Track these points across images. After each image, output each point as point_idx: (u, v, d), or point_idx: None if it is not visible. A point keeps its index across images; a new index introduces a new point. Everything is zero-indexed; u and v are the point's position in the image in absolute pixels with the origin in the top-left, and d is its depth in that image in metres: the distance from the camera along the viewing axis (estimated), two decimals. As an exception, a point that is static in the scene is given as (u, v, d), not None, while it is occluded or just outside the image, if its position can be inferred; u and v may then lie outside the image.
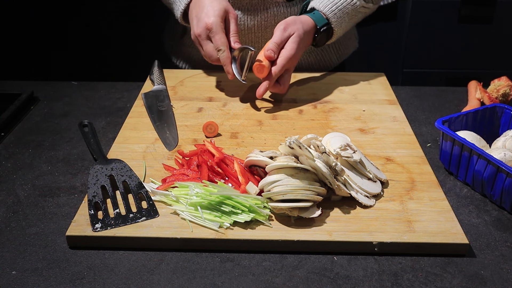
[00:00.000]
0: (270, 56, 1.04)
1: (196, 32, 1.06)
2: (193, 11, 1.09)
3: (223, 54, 1.06)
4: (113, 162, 0.89)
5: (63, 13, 2.19)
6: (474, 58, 2.16)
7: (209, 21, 1.04)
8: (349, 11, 1.14)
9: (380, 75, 1.28)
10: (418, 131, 1.06)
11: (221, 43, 1.05)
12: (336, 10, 1.12)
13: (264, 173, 0.83)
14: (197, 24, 1.06)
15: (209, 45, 1.07)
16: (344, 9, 1.13)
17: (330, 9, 1.12)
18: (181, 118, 1.07)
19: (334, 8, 1.12)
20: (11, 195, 0.87)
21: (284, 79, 1.09)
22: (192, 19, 1.09)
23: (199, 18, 1.06)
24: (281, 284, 0.70)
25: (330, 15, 1.12)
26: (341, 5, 1.12)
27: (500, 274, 0.72)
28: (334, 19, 1.12)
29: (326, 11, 1.12)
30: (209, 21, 1.04)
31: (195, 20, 1.07)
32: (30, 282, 0.70)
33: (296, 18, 1.09)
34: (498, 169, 0.81)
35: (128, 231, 0.76)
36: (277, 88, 1.10)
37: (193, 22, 1.08)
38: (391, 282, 0.71)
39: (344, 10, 1.13)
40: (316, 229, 0.77)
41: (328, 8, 1.12)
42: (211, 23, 1.04)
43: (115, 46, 2.24)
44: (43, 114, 1.13)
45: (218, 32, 1.05)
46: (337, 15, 1.12)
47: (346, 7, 1.13)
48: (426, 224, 0.78)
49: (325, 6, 1.12)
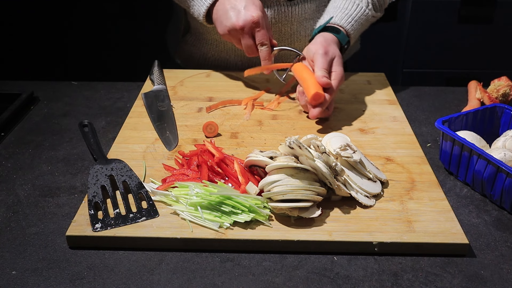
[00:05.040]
0: (328, 83, 1.01)
1: (238, 24, 1.03)
2: (226, 3, 1.06)
3: (266, 49, 1.05)
4: (113, 162, 0.89)
5: (63, 13, 2.19)
6: (474, 58, 2.16)
7: (255, 14, 1.03)
8: (363, 22, 1.15)
9: (380, 75, 1.28)
10: (418, 131, 1.06)
11: (266, 38, 1.05)
12: (353, 22, 1.12)
13: (264, 173, 0.83)
14: (237, 16, 1.04)
15: (250, 39, 1.05)
16: (359, 20, 1.13)
17: (350, 23, 1.11)
18: (181, 118, 1.07)
19: (351, 20, 1.11)
20: (11, 195, 0.87)
21: (331, 104, 1.06)
22: (226, 12, 1.05)
23: (239, 11, 1.04)
24: (281, 284, 0.70)
25: (350, 29, 1.11)
26: (356, 16, 1.12)
27: (500, 274, 0.72)
28: (352, 31, 1.12)
29: (346, 25, 1.11)
30: (255, 14, 1.03)
31: (232, 12, 1.04)
32: (30, 282, 0.70)
33: (327, 39, 1.07)
34: (498, 169, 0.81)
35: (128, 231, 0.76)
36: (325, 113, 1.05)
37: (229, 14, 1.04)
38: (391, 282, 0.71)
39: (359, 21, 1.13)
40: (316, 229, 0.77)
41: (347, 22, 1.11)
42: (257, 17, 1.03)
43: (115, 46, 2.24)
44: (43, 114, 1.13)
45: (264, 27, 1.04)
46: (354, 27, 1.12)
47: (360, 18, 1.13)
48: (426, 224, 0.78)
49: (345, 21, 1.11)
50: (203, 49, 1.32)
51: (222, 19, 1.06)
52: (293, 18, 1.22)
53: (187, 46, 1.35)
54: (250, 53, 1.08)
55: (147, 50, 1.98)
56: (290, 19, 1.22)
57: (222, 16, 1.06)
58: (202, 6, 1.11)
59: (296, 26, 1.24)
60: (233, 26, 1.04)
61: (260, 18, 1.03)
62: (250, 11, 1.03)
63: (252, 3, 1.04)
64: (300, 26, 1.24)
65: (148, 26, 2.07)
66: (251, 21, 1.03)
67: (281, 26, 1.23)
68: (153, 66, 1.24)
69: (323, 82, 1.01)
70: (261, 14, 1.04)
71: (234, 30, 1.05)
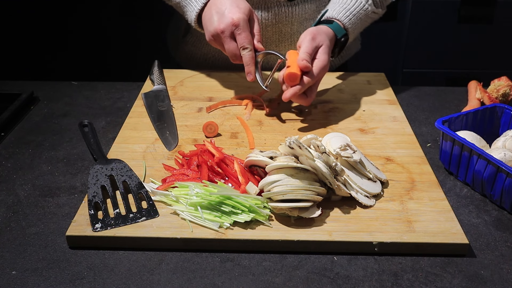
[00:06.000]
0: (306, 66, 0.99)
1: (219, 28, 1.00)
2: (212, 8, 1.03)
3: (248, 53, 1.01)
4: (113, 162, 0.89)
5: (63, 13, 2.19)
6: (474, 58, 2.16)
7: (235, 17, 0.99)
8: (362, 17, 1.14)
9: (380, 75, 1.28)
10: (418, 131, 1.06)
11: (247, 41, 1.00)
12: (351, 16, 1.11)
13: (264, 173, 0.83)
14: (219, 20, 1.01)
15: (232, 43, 1.01)
16: (358, 14, 1.12)
17: (348, 17, 1.10)
18: (181, 118, 1.07)
19: (348, 14, 1.11)
20: (11, 195, 0.87)
21: (312, 91, 1.04)
22: (211, 16, 1.03)
23: (222, 14, 1.01)
24: (281, 284, 0.70)
25: (347, 23, 1.10)
26: (355, 10, 1.11)
27: (500, 274, 0.72)
28: (350, 25, 1.11)
29: (344, 19, 1.10)
30: (235, 17, 0.99)
31: (216, 16, 1.01)
32: (30, 282, 0.70)
33: (319, 28, 1.06)
34: (498, 169, 0.81)
35: (128, 231, 0.76)
36: (303, 99, 1.04)
37: (212, 18, 1.02)
38: (391, 282, 0.71)
39: (358, 16, 1.12)
40: (316, 229, 0.77)
41: (345, 16, 1.10)
42: (237, 20, 0.99)
43: (115, 46, 2.24)
44: (43, 114, 1.13)
45: (245, 29, 1.00)
46: (351, 21, 1.11)
47: (359, 13, 1.12)
48: (426, 224, 0.78)
49: (343, 15, 1.10)
50: (203, 49, 1.32)
51: (207, 25, 1.03)
52: (293, 19, 1.22)
53: (187, 46, 1.35)
54: (234, 59, 1.03)
55: (147, 50, 1.97)
56: (290, 19, 1.22)
57: (207, 21, 1.04)
58: (193, 12, 1.08)
59: (296, 27, 1.24)
60: (215, 30, 1.01)
61: (241, 21, 0.99)
62: (231, 13, 1.00)
63: (236, 5, 1.01)
64: (301, 27, 1.24)
65: (148, 26, 2.07)
66: (231, 24, 0.99)
67: (282, 27, 1.23)
68: (153, 66, 1.24)
69: (302, 64, 0.99)
70: (243, 16, 1.00)
71: (216, 35, 1.01)
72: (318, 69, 1.02)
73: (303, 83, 1.00)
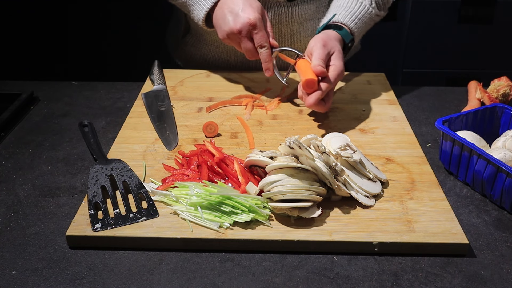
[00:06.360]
0: (322, 71, 0.99)
1: (236, 28, 1.02)
2: (224, 7, 1.05)
3: (266, 51, 1.04)
4: (113, 162, 0.89)
5: (63, 13, 2.19)
6: (474, 58, 2.16)
7: (252, 17, 1.02)
8: (366, 20, 1.14)
9: (380, 75, 1.28)
10: (418, 131, 1.07)
11: (264, 39, 1.03)
12: (357, 20, 1.11)
13: (264, 173, 0.83)
14: (235, 20, 1.03)
15: (249, 42, 1.04)
16: (362, 18, 1.12)
17: (354, 21, 1.10)
18: (181, 118, 1.07)
19: (354, 18, 1.11)
20: (11, 195, 0.87)
21: (329, 97, 1.04)
22: (224, 16, 1.05)
23: (237, 14, 1.03)
24: (281, 284, 0.70)
25: (354, 28, 1.10)
26: (360, 14, 1.12)
27: (500, 274, 0.72)
28: (356, 29, 1.11)
29: (350, 24, 1.10)
30: (252, 17, 1.02)
31: (230, 16, 1.04)
32: (30, 282, 0.70)
33: (328, 35, 1.06)
34: (498, 169, 0.81)
35: (128, 231, 0.76)
36: (321, 106, 1.03)
37: (226, 18, 1.04)
38: (391, 282, 0.71)
39: (363, 19, 1.12)
40: (316, 229, 0.77)
41: (351, 20, 1.10)
42: (254, 20, 1.02)
43: (115, 46, 2.25)
44: (43, 114, 1.13)
45: (261, 28, 1.03)
46: (357, 25, 1.12)
47: (364, 16, 1.13)
48: (426, 224, 0.78)
49: (349, 19, 1.10)
50: (203, 50, 1.32)
51: (221, 24, 1.06)
52: (293, 19, 1.22)
53: (187, 47, 1.35)
54: (250, 56, 1.07)
55: (147, 50, 1.97)
56: (290, 20, 1.22)
57: (220, 20, 1.06)
58: (201, 11, 1.10)
59: (296, 27, 1.24)
60: (231, 30, 1.04)
61: (258, 20, 1.02)
62: (247, 13, 1.02)
63: (249, 5, 1.03)
64: (301, 27, 1.24)
65: (148, 26, 2.07)
66: (248, 24, 1.02)
67: (282, 27, 1.23)
68: (153, 66, 1.24)
69: (317, 70, 0.99)
70: (259, 16, 1.03)
71: (232, 34, 1.04)
72: (335, 75, 1.02)
73: (321, 89, 1.00)
